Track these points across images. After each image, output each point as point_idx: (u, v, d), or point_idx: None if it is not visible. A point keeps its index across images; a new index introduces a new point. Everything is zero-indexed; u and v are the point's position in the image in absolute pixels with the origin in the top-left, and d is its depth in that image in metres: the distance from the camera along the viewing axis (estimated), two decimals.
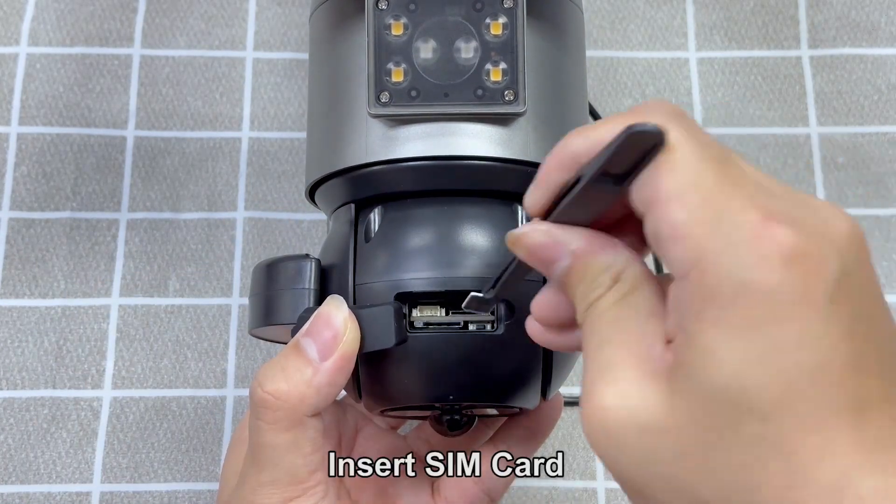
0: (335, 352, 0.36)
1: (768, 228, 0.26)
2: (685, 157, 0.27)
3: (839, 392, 0.26)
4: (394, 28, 0.38)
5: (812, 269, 0.26)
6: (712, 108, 0.62)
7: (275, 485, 0.36)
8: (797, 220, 0.26)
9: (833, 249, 0.26)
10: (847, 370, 0.26)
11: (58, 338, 0.56)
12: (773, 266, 0.26)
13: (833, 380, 0.26)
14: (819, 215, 0.27)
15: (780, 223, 0.26)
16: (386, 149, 0.39)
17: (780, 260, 0.26)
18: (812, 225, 0.27)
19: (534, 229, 0.31)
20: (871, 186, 0.60)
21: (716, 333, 0.26)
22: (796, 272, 0.26)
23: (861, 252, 0.27)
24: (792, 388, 0.25)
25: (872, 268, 0.28)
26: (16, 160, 0.59)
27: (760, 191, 0.27)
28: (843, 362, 0.26)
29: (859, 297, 0.27)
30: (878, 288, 0.28)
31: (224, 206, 0.59)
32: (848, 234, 0.27)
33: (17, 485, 0.54)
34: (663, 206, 0.27)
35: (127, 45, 0.62)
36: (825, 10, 0.64)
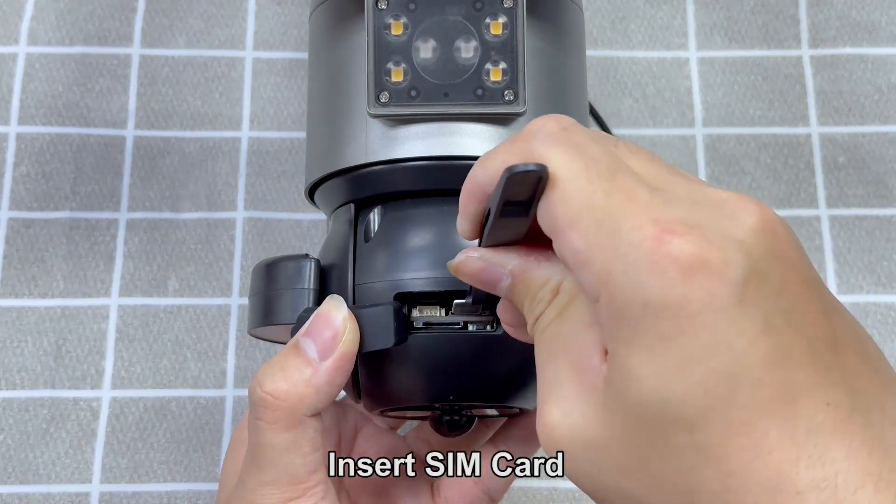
0: (335, 351, 0.36)
1: (664, 243, 0.26)
2: (572, 183, 0.28)
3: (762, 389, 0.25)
4: (393, 28, 0.38)
5: (714, 275, 0.25)
6: (712, 108, 0.62)
7: (274, 485, 0.36)
8: (695, 224, 0.26)
9: (737, 248, 0.26)
10: (768, 365, 0.26)
11: (57, 338, 0.56)
12: (673, 280, 0.26)
13: (754, 378, 0.25)
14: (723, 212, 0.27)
15: (675, 234, 0.26)
16: (386, 149, 0.39)
17: (679, 273, 0.25)
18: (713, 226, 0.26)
19: (468, 257, 0.32)
20: (872, 186, 0.60)
21: (630, 352, 0.26)
22: (697, 281, 0.25)
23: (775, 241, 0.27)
24: (712, 395, 0.26)
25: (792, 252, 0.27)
26: (15, 160, 0.59)
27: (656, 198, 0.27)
28: (763, 358, 0.26)
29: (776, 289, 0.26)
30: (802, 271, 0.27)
31: (224, 205, 0.59)
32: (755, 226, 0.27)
33: (17, 485, 0.54)
34: (562, 235, 0.28)
35: (126, 45, 0.62)
36: (826, 9, 0.64)
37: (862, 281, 0.58)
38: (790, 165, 0.61)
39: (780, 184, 0.60)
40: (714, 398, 0.26)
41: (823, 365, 0.26)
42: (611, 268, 0.26)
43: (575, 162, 0.28)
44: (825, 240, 0.59)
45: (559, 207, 0.28)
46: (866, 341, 0.28)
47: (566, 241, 0.28)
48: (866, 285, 0.58)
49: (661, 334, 0.26)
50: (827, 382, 0.26)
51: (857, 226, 0.59)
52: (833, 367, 0.26)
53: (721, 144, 0.61)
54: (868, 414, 0.26)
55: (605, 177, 0.28)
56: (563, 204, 0.28)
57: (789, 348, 0.26)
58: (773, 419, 0.25)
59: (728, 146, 0.61)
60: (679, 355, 0.26)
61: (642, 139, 0.61)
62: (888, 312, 0.58)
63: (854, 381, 0.27)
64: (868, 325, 0.57)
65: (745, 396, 0.25)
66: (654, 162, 0.29)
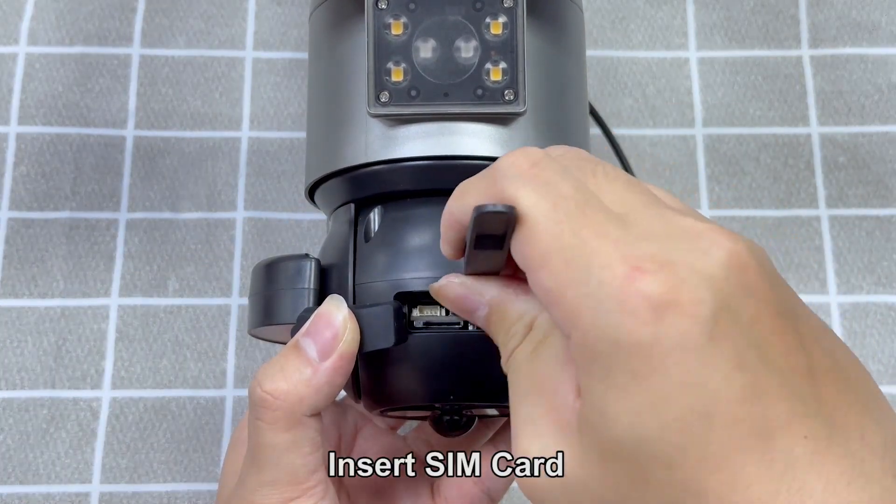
0: (335, 352, 0.36)
1: (633, 281, 0.26)
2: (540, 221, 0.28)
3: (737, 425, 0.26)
4: (393, 27, 0.38)
5: (683, 313, 0.25)
6: (712, 108, 0.62)
7: (274, 485, 0.36)
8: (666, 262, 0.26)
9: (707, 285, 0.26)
10: (742, 401, 0.26)
11: (57, 338, 0.56)
12: (643, 319, 0.26)
13: (729, 415, 0.26)
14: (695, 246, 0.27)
15: (644, 272, 0.26)
16: (386, 148, 0.39)
17: (649, 311, 0.26)
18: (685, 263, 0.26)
19: (450, 282, 0.33)
20: (872, 186, 0.60)
21: (605, 390, 0.26)
22: (667, 320, 0.25)
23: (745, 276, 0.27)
24: (688, 432, 0.26)
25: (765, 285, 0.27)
26: (15, 160, 0.59)
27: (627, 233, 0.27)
28: (737, 394, 0.26)
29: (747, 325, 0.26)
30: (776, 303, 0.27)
31: (223, 206, 0.59)
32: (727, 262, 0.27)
33: (17, 485, 0.54)
34: (534, 273, 0.28)
35: (126, 45, 0.62)
36: (826, 9, 0.64)
37: (862, 281, 0.58)
38: (790, 165, 0.61)
39: (780, 184, 0.60)
40: (690, 435, 0.26)
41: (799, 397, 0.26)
42: (581, 306, 0.27)
43: (543, 200, 0.28)
44: (825, 240, 0.59)
45: (528, 246, 0.28)
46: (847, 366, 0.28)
47: (536, 279, 0.28)
48: (866, 285, 0.58)
49: (633, 373, 0.26)
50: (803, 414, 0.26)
51: (857, 226, 0.59)
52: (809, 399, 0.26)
53: (721, 144, 0.61)
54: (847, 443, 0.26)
55: (574, 214, 0.28)
56: (531, 243, 0.28)
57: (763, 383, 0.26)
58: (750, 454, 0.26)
59: (728, 146, 0.61)
60: (653, 394, 0.26)
61: (642, 139, 0.61)
62: (888, 312, 0.58)
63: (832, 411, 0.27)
64: (868, 325, 0.57)
65: (721, 433, 0.26)
66: (630, 189, 0.29)
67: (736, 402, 0.26)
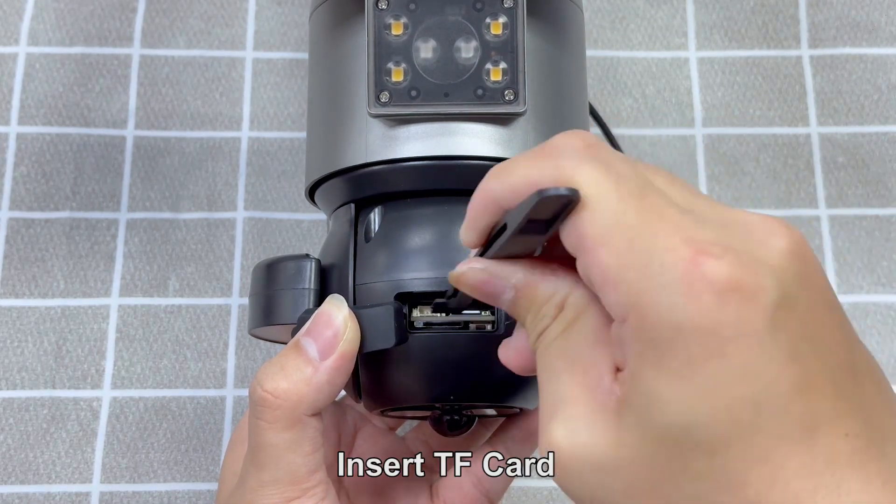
0: (335, 351, 0.36)
1: (698, 265, 0.25)
2: (603, 200, 0.27)
3: (785, 418, 0.25)
4: (394, 28, 0.38)
5: (747, 300, 0.25)
6: (712, 108, 0.62)
7: (275, 485, 0.36)
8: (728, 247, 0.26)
9: (769, 273, 0.26)
10: (793, 394, 0.26)
11: (57, 338, 0.56)
12: (707, 304, 0.25)
13: (778, 406, 0.25)
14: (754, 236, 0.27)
15: (709, 256, 0.26)
16: (386, 148, 0.39)
17: (713, 296, 0.25)
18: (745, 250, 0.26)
19: (471, 268, 0.31)
20: (871, 186, 0.60)
21: (657, 374, 0.26)
22: (731, 306, 0.25)
23: (804, 266, 0.27)
24: (736, 421, 0.26)
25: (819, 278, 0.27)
26: (15, 160, 0.59)
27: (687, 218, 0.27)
28: (789, 387, 0.26)
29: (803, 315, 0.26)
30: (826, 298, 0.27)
31: (224, 205, 0.59)
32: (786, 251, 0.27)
33: (17, 485, 0.54)
34: (591, 253, 0.27)
35: (126, 45, 0.62)
36: (825, 9, 0.64)
37: (862, 281, 0.58)
38: (790, 165, 0.61)
39: (780, 184, 0.60)
40: (738, 425, 0.26)
41: (844, 394, 0.26)
42: (642, 289, 0.26)
43: (605, 179, 0.27)
44: (825, 240, 0.59)
45: (588, 225, 0.27)
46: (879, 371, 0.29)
47: (594, 259, 0.27)
48: (866, 285, 0.58)
49: (690, 358, 0.26)
50: (846, 412, 0.26)
51: (856, 226, 0.59)
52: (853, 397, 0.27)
53: (721, 144, 0.61)
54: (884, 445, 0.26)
55: (636, 194, 0.27)
56: (592, 222, 0.27)
57: (813, 377, 0.26)
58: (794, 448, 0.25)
59: (728, 146, 0.61)
60: (707, 380, 0.26)
61: (642, 139, 0.61)
62: (888, 312, 0.58)
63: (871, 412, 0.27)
64: (868, 325, 0.57)
65: (769, 424, 0.25)
66: (675, 183, 0.29)
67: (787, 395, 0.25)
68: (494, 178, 0.30)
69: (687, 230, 0.26)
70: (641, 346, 0.26)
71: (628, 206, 0.27)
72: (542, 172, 0.28)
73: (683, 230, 0.26)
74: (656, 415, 0.26)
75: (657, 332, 0.26)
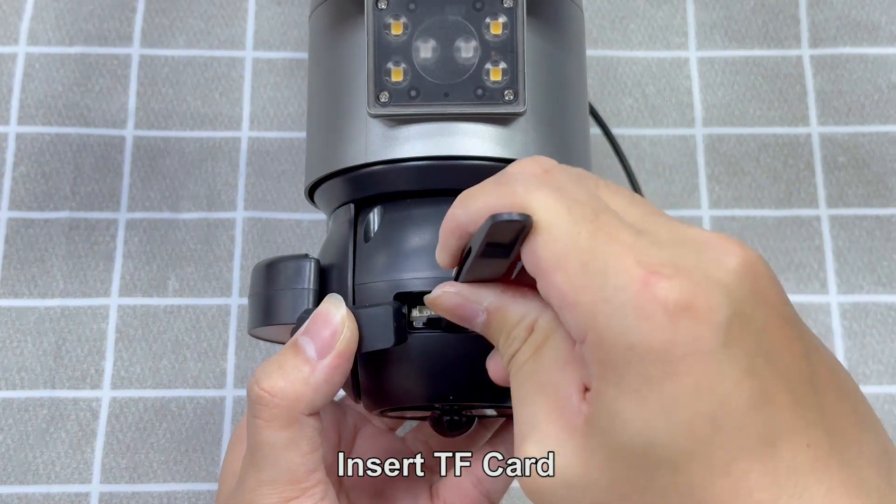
0: (333, 350, 0.36)
1: (649, 285, 0.26)
2: (555, 224, 0.28)
3: (744, 431, 0.26)
4: (393, 27, 0.38)
5: (699, 318, 0.26)
6: (712, 108, 0.62)
7: (273, 484, 0.36)
8: (681, 267, 0.26)
9: (721, 291, 0.26)
10: (750, 408, 0.26)
11: (57, 338, 0.56)
12: (659, 323, 0.26)
13: (736, 421, 0.26)
14: (707, 255, 0.27)
15: (661, 277, 0.26)
16: (385, 149, 0.39)
17: (665, 316, 0.26)
18: (698, 269, 0.27)
19: (445, 292, 0.33)
20: (872, 186, 0.60)
21: (618, 393, 0.27)
22: (683, 325, 0.26)
23: (757, 282, 0.27)
24: (696, 437, 0.26)
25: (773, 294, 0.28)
26: (14, 160, 0.59)
27: (640, 240, 0.27)
28: (745, 401, 0.26)
29: (758, 331, 0.27)
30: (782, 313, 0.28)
31: (223, 205, 0.59)
32: (739, 269, 0.27)
33: (16, 485, 0.54)
34: (547, 276, 0.28)
35: (126, 45, 0.62)
36: (826, 9, 0.64)
37: (862, 281, 0.58)
38: (790, 165, 0.61)
39: (780, 184, 0.60)
40: (697, 440, 0.26)
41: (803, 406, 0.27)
42: (597, 310, 0.27)
43: (558, 204, 0.28)
44: (825, 240, 0.59)
45: (543, 250, 0.28)
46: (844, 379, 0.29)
47: (550, 282, 0.28)
48: (866, 285, 0.58)
49: (647, 377, 0.26)
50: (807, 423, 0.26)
51: (857, 226, 0.59)
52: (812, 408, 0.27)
53: (721, 144, 0.61)
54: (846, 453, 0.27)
55: (589, 218, 0.28)
56: (547, 246, 0.28)
57: (771, 390, 0.26)
58: (754, 461, 0.26)
59: (728, 146, 0.61)
60: (665, 398, 0.26)
61: (642, 139, 0.61)
62: (888, 312, 0.58)
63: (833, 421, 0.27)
64: (868, 325, 0.57)
65: (728, 439, 0.26)
66: (634, 203, 0.30)
67: (744, 409, 0.26)
68: (459, 204, 0.31)
69: (639, 251, 0.27)
70: (601, 367, 0.27)
71: (581, 230, 0.28)
72: (500, 200, 0.29)
73: (636, 252, 0.27)
74: (618, 433, 0.27)
75: (614, 352, 0.27)
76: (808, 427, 0.26)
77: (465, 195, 0.31)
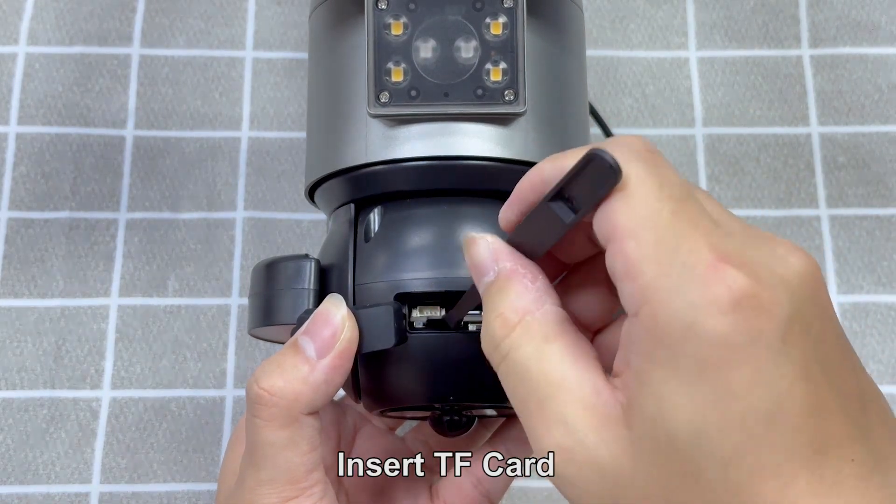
0: (333, 350, 0.36)
1: (719, 270, 0.26)
2: (641, 193, 0.28)
3: (797, 435, 0.26)
4: (393, 27, 0.38)
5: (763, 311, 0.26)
6: (712, 108, 0.62)
7: (272, 484, 0.36)
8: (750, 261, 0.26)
9: (786, 290, 0.26)
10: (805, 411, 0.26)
11: (57, 338, 0.56)
12: (723, 309, 0.26)
13: (790, 422, 0.26)
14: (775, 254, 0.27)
15: (731, 265, 0.26)
16: (386, 149, 0.39)
17: (730, 303, 0.26)
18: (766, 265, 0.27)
19: (483, 237, 0.32)
20: (872, 186, 0.60)
21: (667, 376, 0.26)
22: (746, 315, 0.26)
23: (816, 291, 0.27)
24: (749, 433, 0.26)
25: (829, 306, 0.28)
26: (14, 160, 0.59)
27: (717, 230, 0.27)
28: (801, 403, 0.26)
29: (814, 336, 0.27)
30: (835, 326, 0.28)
31: (223, 205, 0.59)
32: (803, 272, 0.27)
33: (16, 485, 0.54)
34: (619, 242, 0.28)
35: (126, 45, 0.62)
36: (826, 9, 0.64)
37: (862, 281, 0.58)
38: (790, 165, 0.61)
39: (780, 184, 0.60)
40: (750, 437, 0.26)
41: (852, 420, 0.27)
42: (660, 283, 0.26)
43: (650, 177, 0.28)
44: (825, 240, 0.59)
45: (623, 214, 0.28)
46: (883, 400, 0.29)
47: (620, 248, 0.27)
48: (866, 285, 0.58)
49: (702, 362, 0.26)
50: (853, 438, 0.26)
51: (857, 226, 0.59)
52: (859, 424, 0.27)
53: (721, 144, 0.61)
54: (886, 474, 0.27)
55: (676, 198, 0.28)
56: (628, 211, 0.28)
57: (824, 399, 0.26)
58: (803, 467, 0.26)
59: (728, 146, 0.61)
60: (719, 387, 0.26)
61: None
62: (888, 312, 0.58)
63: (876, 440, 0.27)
64: (868, 325, 0.57)
65: (781, 439, 0.26)
66: (712, 201, 0.30)
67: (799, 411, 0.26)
68: (549, 160, 0.31)
69: (714, 239, 0.27)
70: (651, 344, 0.27)
71: (664, 206, 0.27)
72: None
73: (711, 238, 0.27)
74: (668, 421, 0.26)
75: (669, 329, 0.26)
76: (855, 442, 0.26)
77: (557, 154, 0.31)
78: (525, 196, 0.31)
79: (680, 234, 0.27)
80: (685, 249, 0.26)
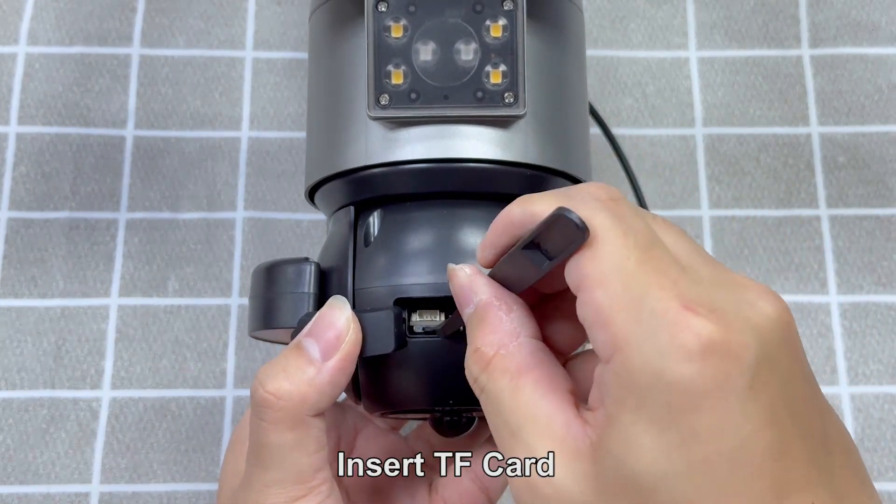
0: (338, 352, 0.36)
1: (686, 318, 0.26)
2: (607, 243, 0.28)
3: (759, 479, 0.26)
4: (393, 30, 0.38)
5: (730, 358, 0.26)
6: (712, 108, 0.62)
7: (280, 484, 0.36)
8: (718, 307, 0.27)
9: (754, 335, 0.27)
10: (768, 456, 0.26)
11: (57, 338, 0.56)
12: (690, 356, 0.26)
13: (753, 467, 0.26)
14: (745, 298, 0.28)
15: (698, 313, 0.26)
16: (386, 151, 0.39)
17: (698, 350, 0.26)
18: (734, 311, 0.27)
19: (462, 268, 0.33)
20: (872, 186, 0.60)
21: (635, 420, 0.27)
22: (713, 362, 0.26)
23: (786, 333, 0.28)
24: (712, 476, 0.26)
25: (799, 349, 0.28)
26: (14, 160, 0.59)
27: (684, 276, 0.28)
28: (764, 448, 0.26)
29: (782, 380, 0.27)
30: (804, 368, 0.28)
31: (223, 206, 0.59)
32: (772, 316, 0.28)
33: (16, 485, 0.54)
34: (588, 291, 0.28)
35: (126, 45, 0.62)
36: (826, 9, 0.64)
37: (862, 281, 0.58)
38: (790, 165, 0.61)
39: (780, 184, 0.60)
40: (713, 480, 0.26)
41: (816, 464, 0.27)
42: (630, 332, 0.27)
43: (615, 228, 0.29)
44: (825, 240, 0.59)
45: (591, 264, 0.28)
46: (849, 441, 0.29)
47: (590, 297, 0.28)
48: (866, 285, 0.58)
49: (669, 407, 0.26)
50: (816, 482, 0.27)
51: (857, 226, 0.59)
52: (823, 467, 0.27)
53: (721, 144, 0.61)
54: None
55: (641, 247, 0.28)
56: (595, 262, 0.28)
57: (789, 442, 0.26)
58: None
59: (728, 146, 0.61)
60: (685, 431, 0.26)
61: (642, 139, 0.61)
62: (888, 312, 0.58)
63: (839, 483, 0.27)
64: (868, 325, 0.57)
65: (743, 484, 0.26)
66: (683, 240, 0.30)
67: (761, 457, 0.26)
68: (518, 203, 0.32)
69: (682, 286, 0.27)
70: (621, 391, 0.27)
71: (631, 255, 0.28)
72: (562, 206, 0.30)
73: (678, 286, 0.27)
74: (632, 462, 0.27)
75: (638, 376, 0.27)
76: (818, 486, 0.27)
77: (527, 197, 0.32)
78: (497, 238, 0.33)
79: (646, 282, 0.27)
80: (653, 297, 0.27)
